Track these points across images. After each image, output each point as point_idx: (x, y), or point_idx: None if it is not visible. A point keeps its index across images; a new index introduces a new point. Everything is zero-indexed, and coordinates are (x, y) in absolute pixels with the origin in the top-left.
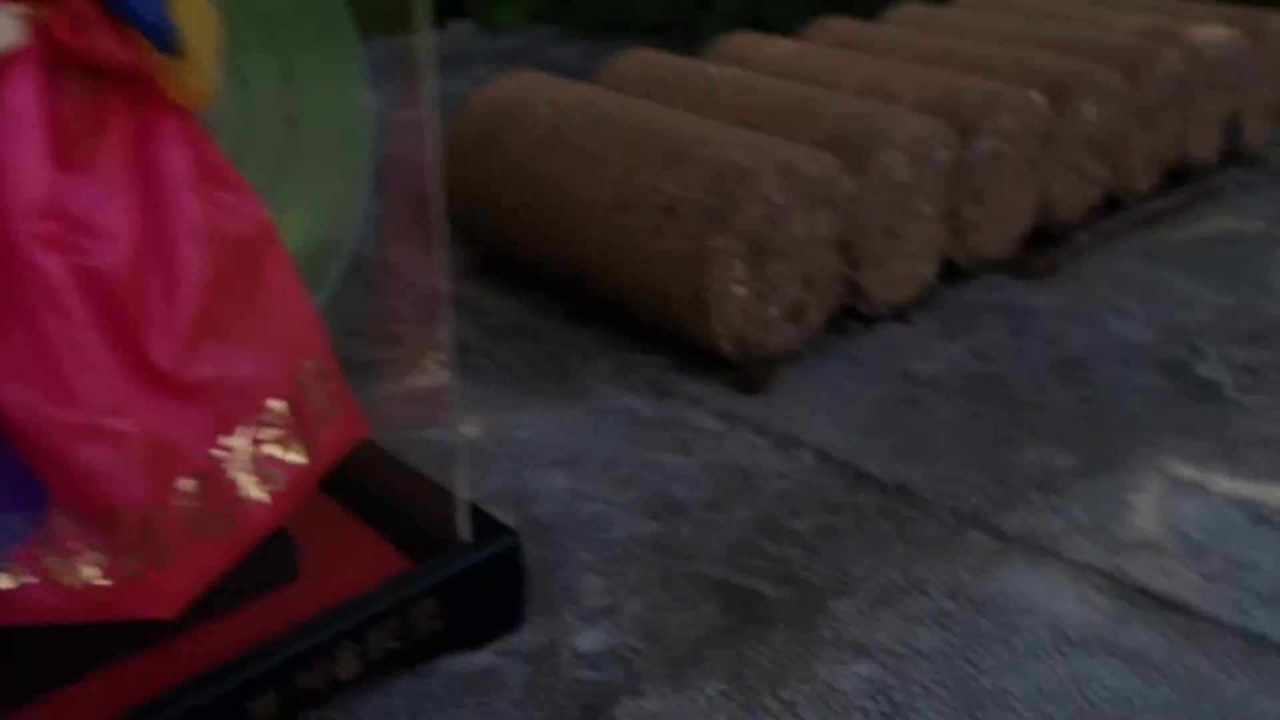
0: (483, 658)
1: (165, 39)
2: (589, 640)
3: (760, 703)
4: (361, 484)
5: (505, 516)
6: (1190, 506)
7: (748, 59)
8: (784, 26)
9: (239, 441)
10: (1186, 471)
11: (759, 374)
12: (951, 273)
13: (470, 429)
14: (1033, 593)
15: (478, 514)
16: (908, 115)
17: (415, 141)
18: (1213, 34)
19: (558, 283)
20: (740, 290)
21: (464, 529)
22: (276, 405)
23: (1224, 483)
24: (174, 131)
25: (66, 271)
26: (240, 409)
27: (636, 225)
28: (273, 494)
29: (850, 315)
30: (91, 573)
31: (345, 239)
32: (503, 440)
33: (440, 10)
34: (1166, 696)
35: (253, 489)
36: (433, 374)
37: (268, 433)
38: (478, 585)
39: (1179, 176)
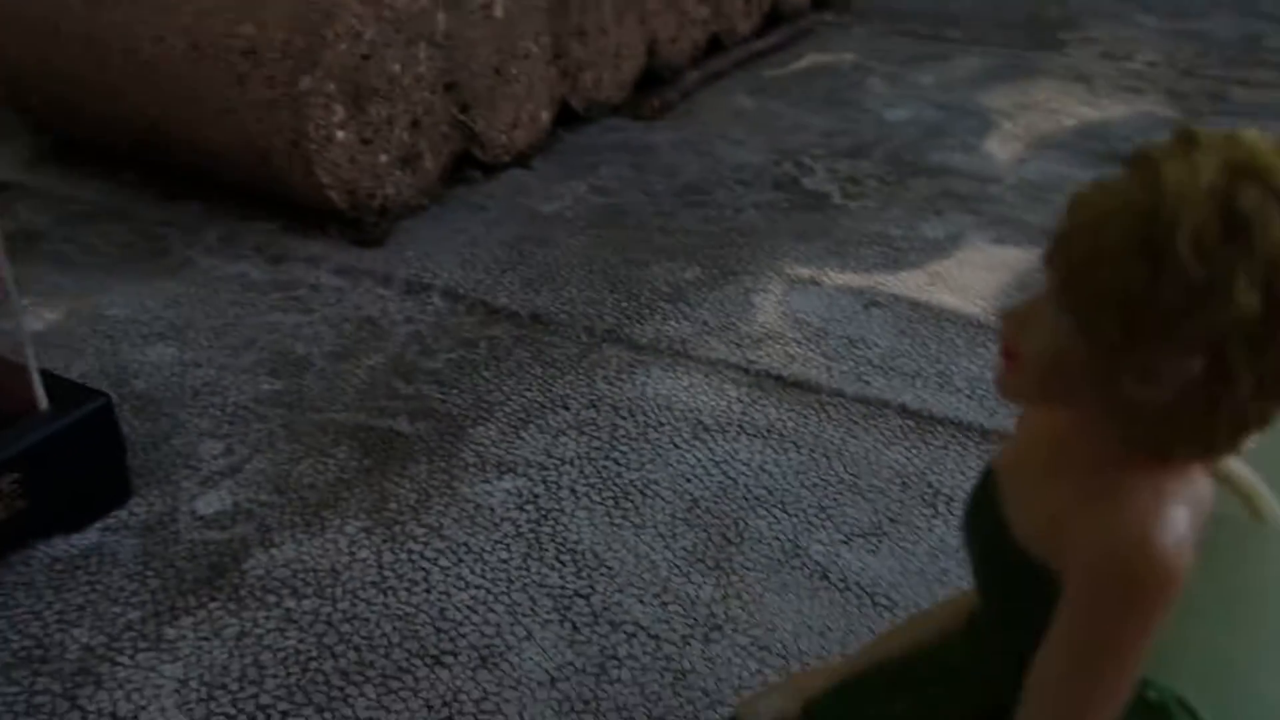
0: (88, 537)
1: None
2: (210, 503)
3: (405, 530)
4: None
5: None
6: (808, 299)
7: None
8: None
9: None
10: (803, 270)
11: (377, 226)
12: (569, 117)
13: (51, 315)
14: (670, 392)
15: (59, 384)
16: None
17: None
18: None
19: (146, 161)
20: (342, 135)
21: (40, 397)
22: None
23: (837, 276)
24: None
25: None
26: None
27: (218, 77)
28: None
29: (471, 164)
30: None
31: None
32: (93, 320)
33: None
34: (800, 462)
35: None
36: None
37: None
38: (65, 456)
39: (775, 19)
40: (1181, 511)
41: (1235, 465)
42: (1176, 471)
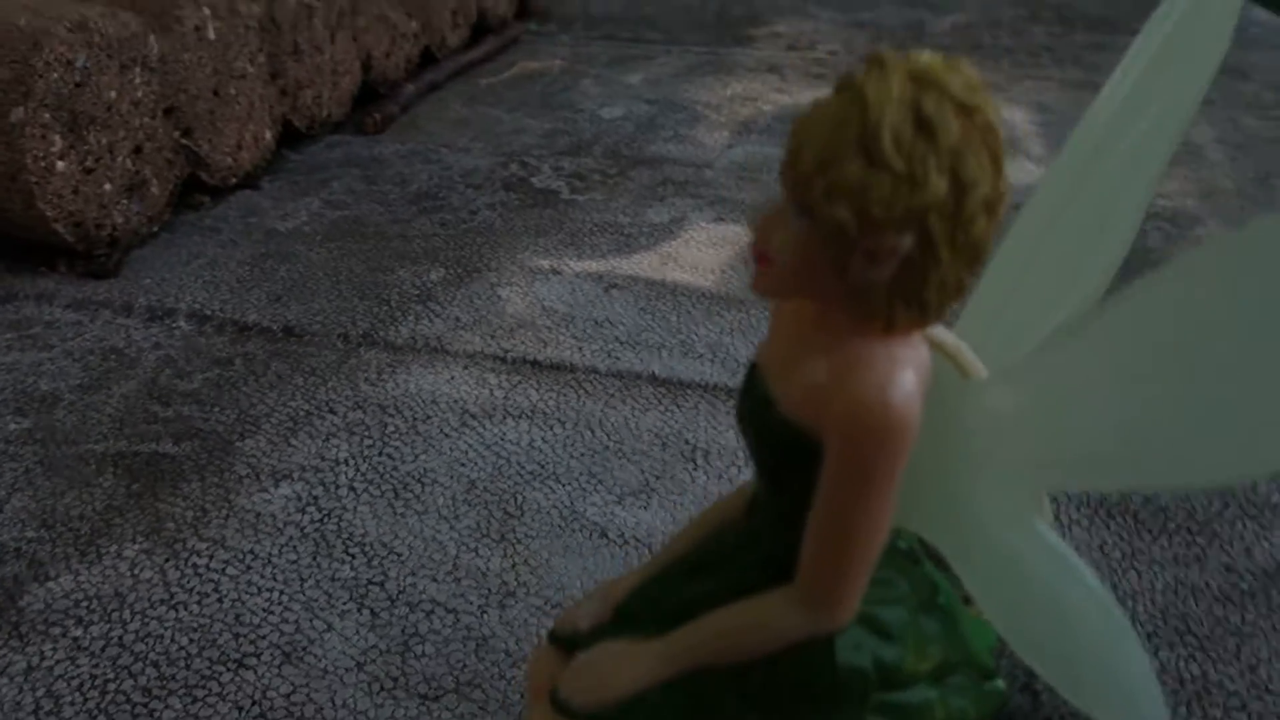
0: None
1: None
2: None
3: (187, 546)
4: None
5: None
6: (552, 288)
7: None
8: None
9: None
10: (543, 262)
11: (109, 257)
12: (293, 136)
13: None
14: (434, 387)
15: None
16: None
17: None
18: None
19: None
20: (63, 165)
21: None
22: None
23: (576, 265)
24: None
25: None
26: None
27: None
28: None
29: (199, 189)
30: None
31: None
32: None
33: None
34: (565, 436)
35: None
36: None
37: None
38: None
39: (482, 30)
40: (910, 372)
41: (941, 331)
42: (902, 340)
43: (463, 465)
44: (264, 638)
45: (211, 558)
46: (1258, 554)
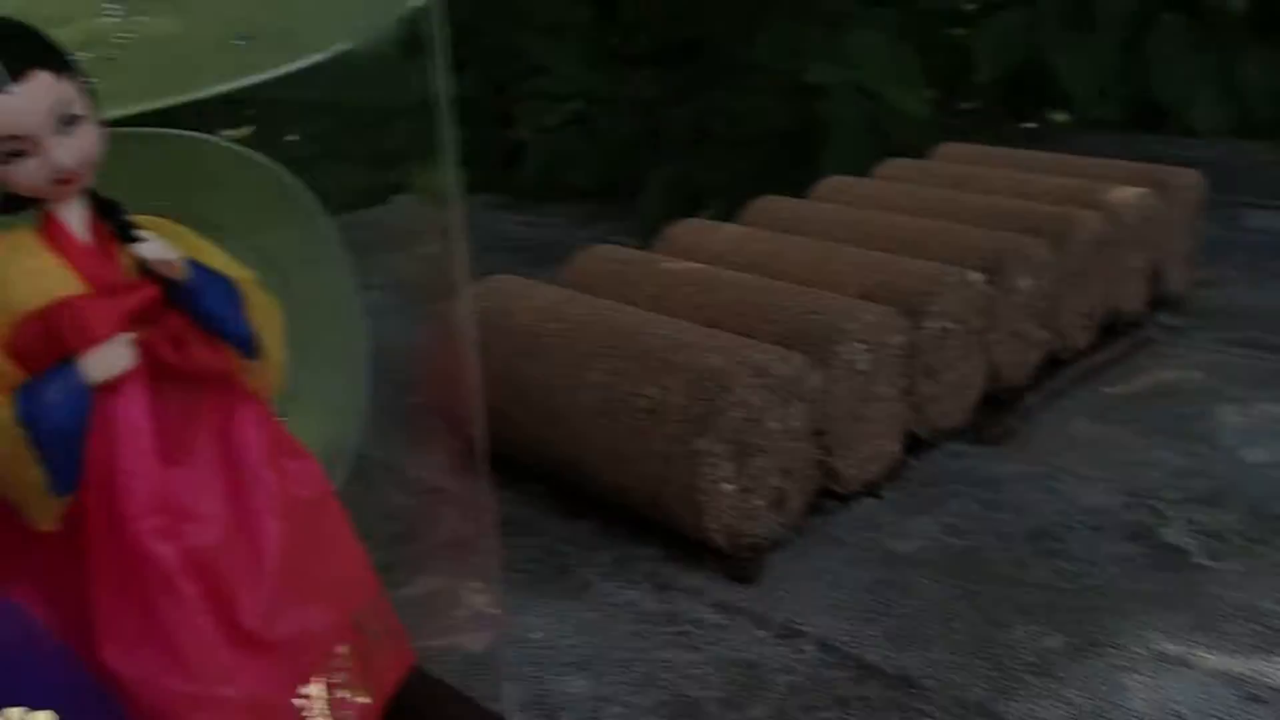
0: None
1: (249, 346)
2: None
3: None
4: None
5: None
6: (1181, 687)
7: (697, 248)
8: (715, 192)
9: (316, 689)
10: (1170, 647)
11: (749, 562)
12: (914, 444)
13: (483, 634)
14: None
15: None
16: (861, 306)
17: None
18: (1127, 195)
19: (548, 476)
20: (728, 487)
21: None
22: (343, 649)
23: (1208, 658)
24: (252, 417)
25: (177, 558)
26: (316, 658)
27: (622, 428)
28: None
29: (826, 495)
30: None
31: (350, 439)
32: (519, 643)
33: (384, 186)
34: None
35: None
36: (474, 598)
37: (338, 676)
38: None
39: (1112, 328)
40: None
41: None
42: None
43: None
44: None
45: None
46: None
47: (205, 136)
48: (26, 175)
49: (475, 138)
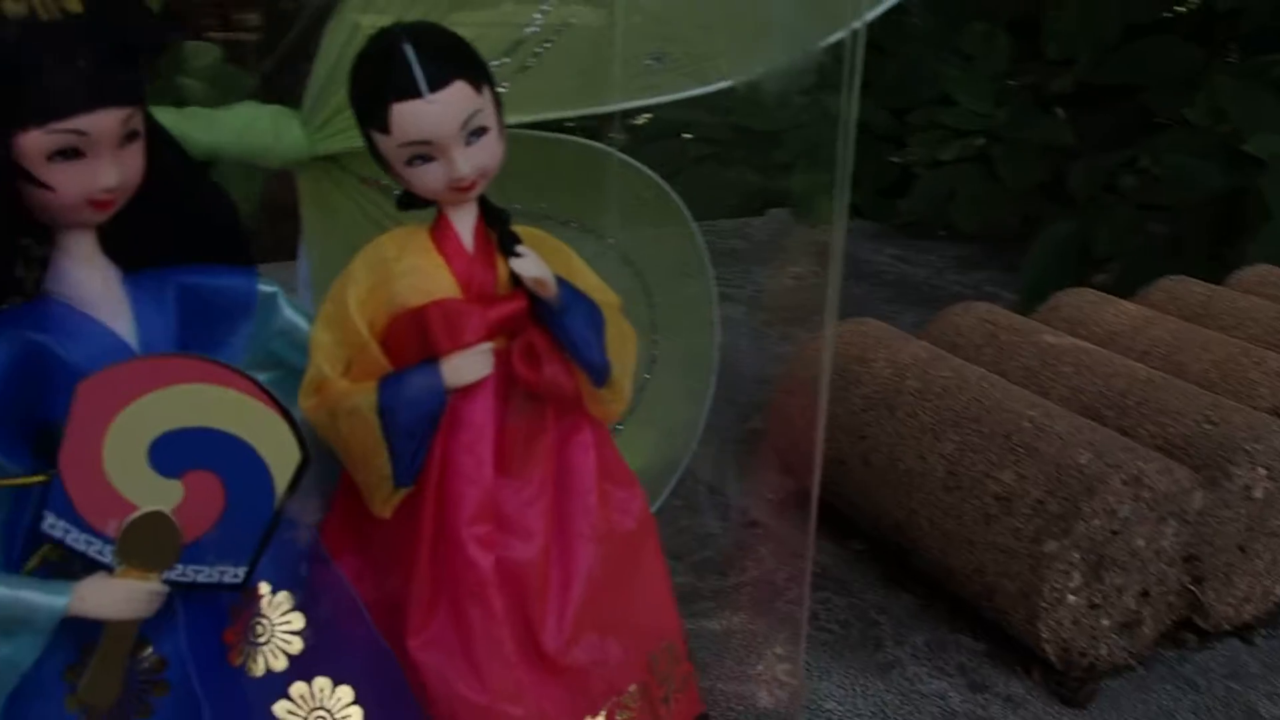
0: None
1: (600, 375)
2: None
3: None
4: None
5: None
6: None
7: (1085, 322)
8: (1115, 260)
9: None
10: None
11: (1081, 684)
12: None
13: (779, 691)
14: None
15: None
16: (1271, 425)
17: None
18: None
19: (876, 537)
20: (1073, 599)
21: None
22: (633, 687)
23: None
24: (588, 440)
25: (492, 568)
26: (606, 691)
27: (967, 508)
28: None
29: (1187, 628)
30: None
31: (683, 454)
32: (810, 708)
33: (762, 198)
34: None
35: None
36: (773, 647)
37: (622, 715)
38: None
39: None
40: None
41: None
42: None
43: None
44: None
45: None
46: None
47: (591, 143)
48: (428, 179)
49: (862, 160)
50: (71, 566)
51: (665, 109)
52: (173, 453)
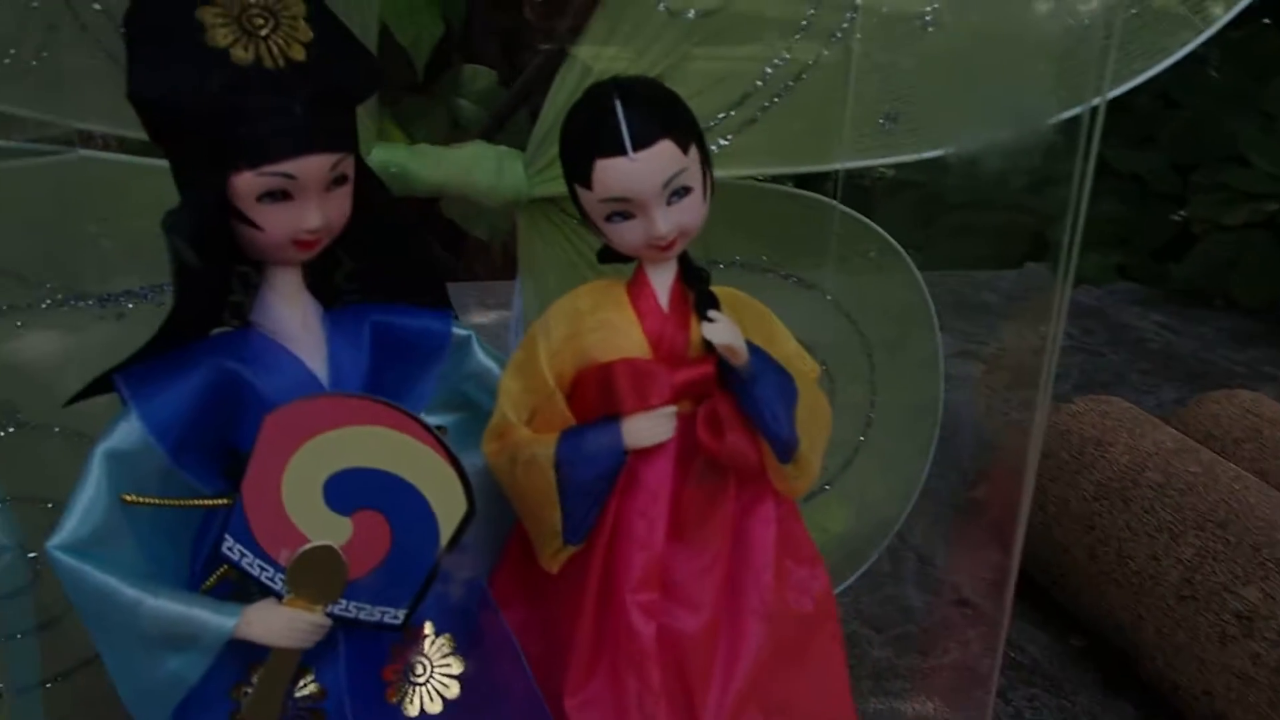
0: None
1: (785, 451)
2: None
3: None
4: None
5: None
6: None
7: None
8: None
9: None
10: None
11: None
12: None
13: None
14: None
15: None
16: None
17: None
18: None
19: (1098, 635)
20: None
21: None
22: None
23: None
24: (769, 514)
25: (654, 638)
26: None
27: (1201, 623)
28: None
29: None
30: None
31: (896, 516)
32: None
33: (1021, 249)
34: None
35: None
36: None
37: None
38: None
39: None
40: None
41: None
42: None
43: None
44: None
45: None
46: None
47: (814, 196)
48: (627, 236)
49: (1140, 218)
50: (247, 589)
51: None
52: (347, 490)
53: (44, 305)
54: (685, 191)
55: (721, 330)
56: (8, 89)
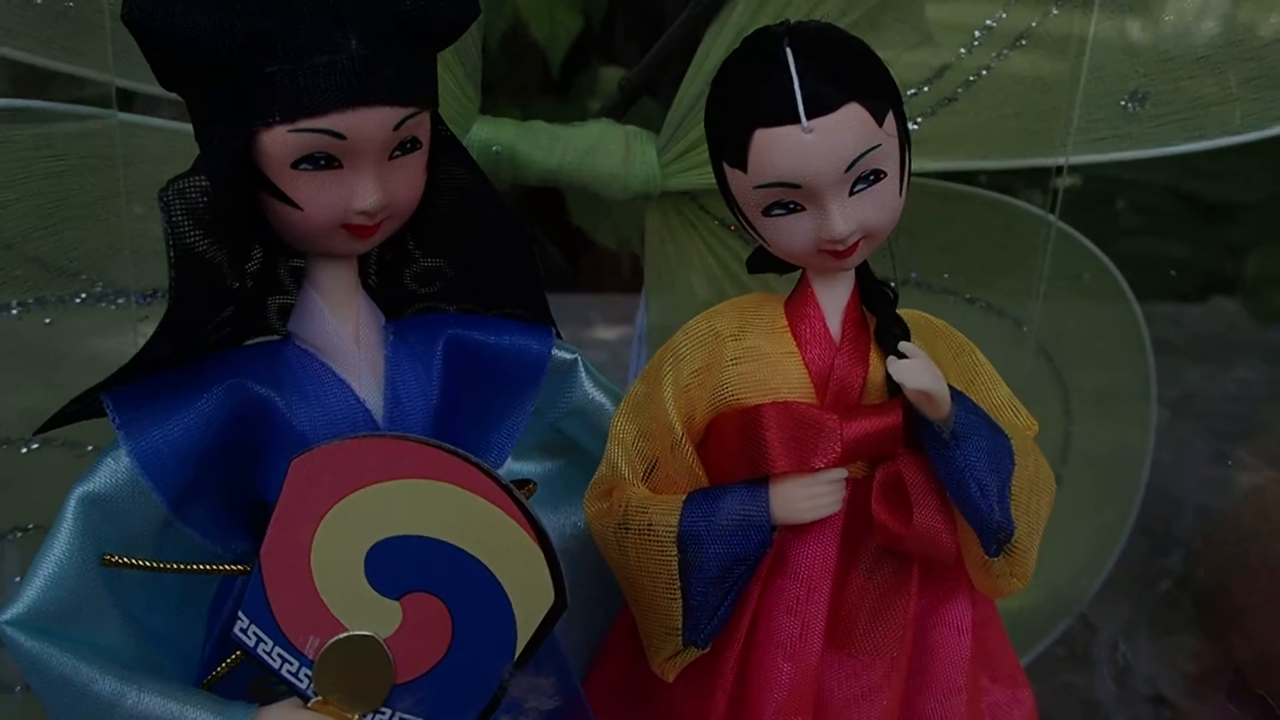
0: None
1: (994, 541)
2: None
3: None
4: None
5: None
6: None
7: None
8: None
9: None
10: None
11: None
12: None
13: None
14: None
15: None
16: None
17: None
18: None
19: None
20: None
21: None
22: None
23: None
24: (965, 618)
25: None
26: None
27: None
28: None
29: None
30: None
31: (1078, 599)
32: None
33: (1203, 282)
34: None
35: None
36: None
37: None
38: None
39: None
40: None
41: None
42: None
43: None
44: None
45: None
46: None
47: (1023, 205)
48: (792, 236)
49: None
50: (274, 681)
51: (1100, 168)
52: (396, 565)
53: (77, 300)
54: (876, 177)
55: (917, 371)
56: (35, 36)
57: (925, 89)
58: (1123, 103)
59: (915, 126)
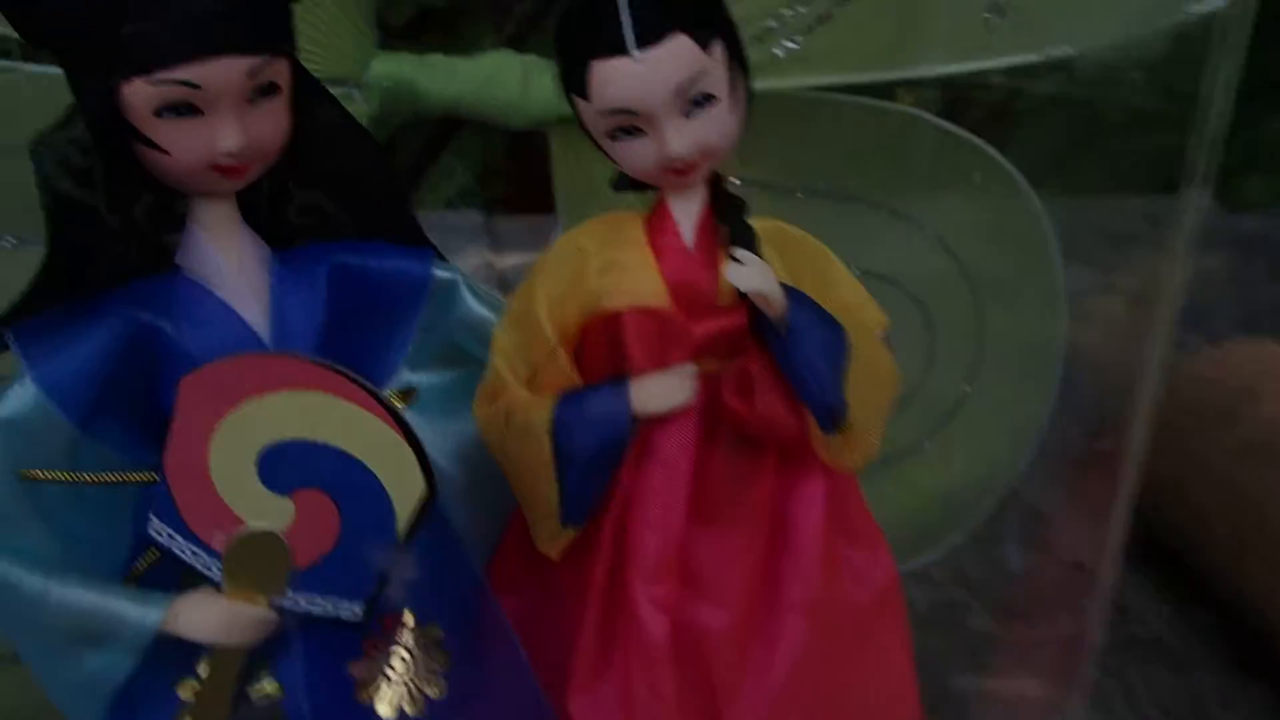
0: None
1: (829, 421)
2: None
3: None
4: None
5: None
6: None
7: None
8: None
9: None
10: None
11: None
12: None
13: None
14: None
15: None
16: None
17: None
18: None
19: (1236, 611)
20: None
21: None
22: None
23: None
24: (818, 491)
25: (667, 637)
26: None
27: None
28: None
29: None
30: None
31: (1008, 476)
32: None
33: (1175, 172)
34: None
35: None
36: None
37: None
38: None
39: None
40: None
41: None
42: None
43: None
44: None
45: None
46: None
47: (902, 108)
48: (635, 157)
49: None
50: (194, 575)
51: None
52: (285, 467)
53: None
54: (707, 100)
55: (748, 274)
56: None
57: (802, 9)
58: (986, 14)
59: (796, 45)
